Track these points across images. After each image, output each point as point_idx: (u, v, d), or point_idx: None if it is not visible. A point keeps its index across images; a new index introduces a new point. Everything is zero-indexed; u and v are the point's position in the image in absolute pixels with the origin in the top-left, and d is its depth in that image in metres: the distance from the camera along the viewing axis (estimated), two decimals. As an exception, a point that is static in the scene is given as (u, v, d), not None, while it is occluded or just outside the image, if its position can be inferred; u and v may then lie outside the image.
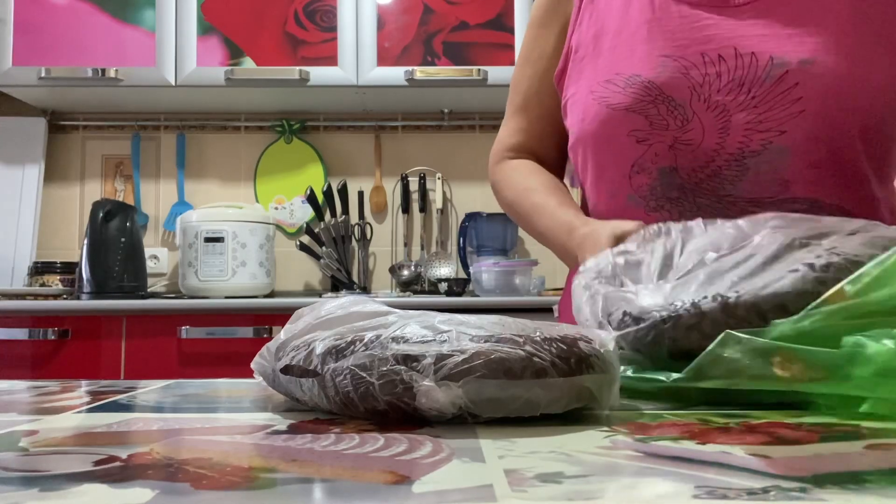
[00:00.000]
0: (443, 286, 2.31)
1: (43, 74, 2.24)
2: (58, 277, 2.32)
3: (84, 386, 0.62)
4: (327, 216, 2.56)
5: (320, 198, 2.55)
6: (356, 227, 2.56)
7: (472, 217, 2.54)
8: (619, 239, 0.70)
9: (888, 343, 0.40)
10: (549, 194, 0.90)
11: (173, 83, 2.28)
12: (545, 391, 0.41)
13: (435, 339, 0.43)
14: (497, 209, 2.56)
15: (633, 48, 0.82)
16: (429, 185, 2.65)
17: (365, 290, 2.53)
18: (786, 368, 0.44)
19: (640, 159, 0.81)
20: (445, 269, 2.56)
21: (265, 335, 2.00)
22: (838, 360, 0.42)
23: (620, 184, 0.83)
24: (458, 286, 2.28)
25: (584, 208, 0.92)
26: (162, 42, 2.28)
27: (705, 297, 0.51)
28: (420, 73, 2.28)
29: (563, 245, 0.84)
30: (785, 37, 0.76)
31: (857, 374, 0.42)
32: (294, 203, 2.64)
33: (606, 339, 0.46)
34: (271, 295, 2.33)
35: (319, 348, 0.46)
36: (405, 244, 2.64)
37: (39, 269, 2.33)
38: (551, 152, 0.98)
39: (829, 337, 0.43)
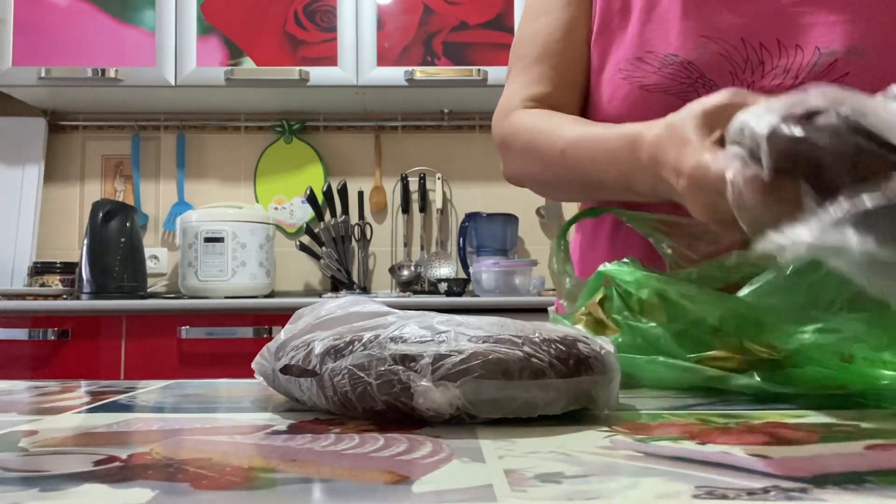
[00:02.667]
0: (443, 286, 2.31)
1: (43, 74, 2.24)
2: (58, 277, 2.32)
3: (84, 386, 0.62)
4: (327, 216, 2.56)
5: (320, 198, 2.55)
6: (356, 227, 2.56)
7: (471, 217, 2.54)
8: (710, 121, 0.51)
9: None
10: (588, 124, 0.72)
11: (173, 83, 2.28)
12: (543, 392, 0.41)
13: (433, 340, 0.43)
14: (497, 209, 2.56)
15: (667, 25, 0.74)
16: (429, 186, 2.65)
17: (365, 290, 2.53)
18: None
19: None
20: (445, 270, 2.56)
21: (265, 335, 2.00)
22: None
23: None
24: (458, 286, 2.28)
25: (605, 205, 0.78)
26: (162, 42, 2.28)
27: None
28: (420, 73, 2.28)
29: (627, 166, 0.62)
30: (830, 24, 0.71)
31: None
32: (294, 203, 2.64)
33: (605, 341, 0.46)
34: (271, 295, 2.33)
35: (318, 348, 0.46)
36: (405, 244, 2.64)
37: (39, 269, 2.33)
38: (579, 109, 0.82)
39: None
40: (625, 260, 0.62)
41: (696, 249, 0.65)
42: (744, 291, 0.57)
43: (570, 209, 2.67)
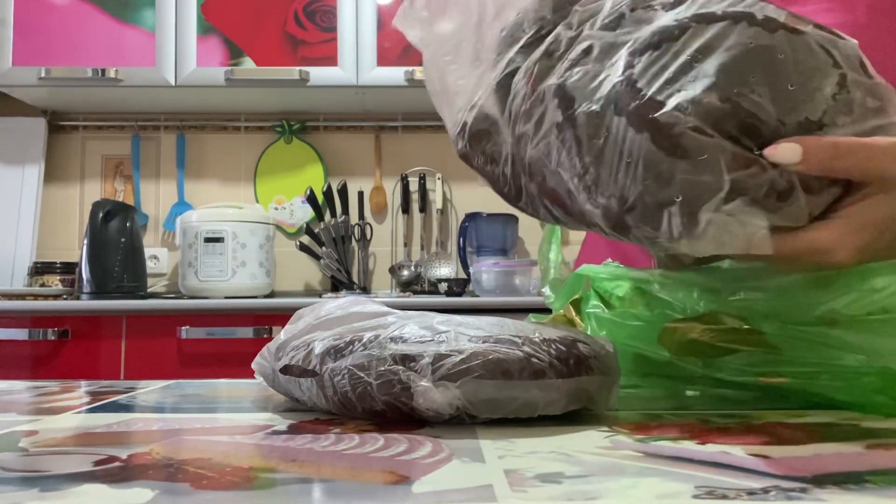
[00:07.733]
0: (443, 286, 2.31)
1: (43, 74, 2.24)
2: (58, 277, 2.32)
3: (84, 386, 0.62)
4: (327, 216, 2.56)
5: (320, 198, 2.55)
6: (356, 227, 2.56)
7: (471, 217, 2.54)
8: None
9: None
10: None
11: (173, 83, 2.28)
12: (543, 392, 0.41)
13: (433, 340, 0.43)
14: (497, 209, 2.56)
15: None
16: (429, 186, 2.65)
17: (365, 290, 2.53)
18: None
19: None
20: (445, 270, 2.56)
21: (265, 335, 2.00)
22: None
23: None
24: (458, 286, 2.28)
25: None
26: (162, 42, 2.28)
27: None
28: (420, 73, 2.28)
29: None
30: (823, 11, 0.71)
31: None
32: (294, 203, 2.64)
33: (605, 341, 0.46)
34: (271, 295, 2.33)
35: (318, 348, 0.46)
36: (405, 244, 2.64)
37: (39, 269, 2.33)
38: None
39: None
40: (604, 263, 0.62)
41: (681, 259, 0.66)
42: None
43: (570, 209, 2.67)
